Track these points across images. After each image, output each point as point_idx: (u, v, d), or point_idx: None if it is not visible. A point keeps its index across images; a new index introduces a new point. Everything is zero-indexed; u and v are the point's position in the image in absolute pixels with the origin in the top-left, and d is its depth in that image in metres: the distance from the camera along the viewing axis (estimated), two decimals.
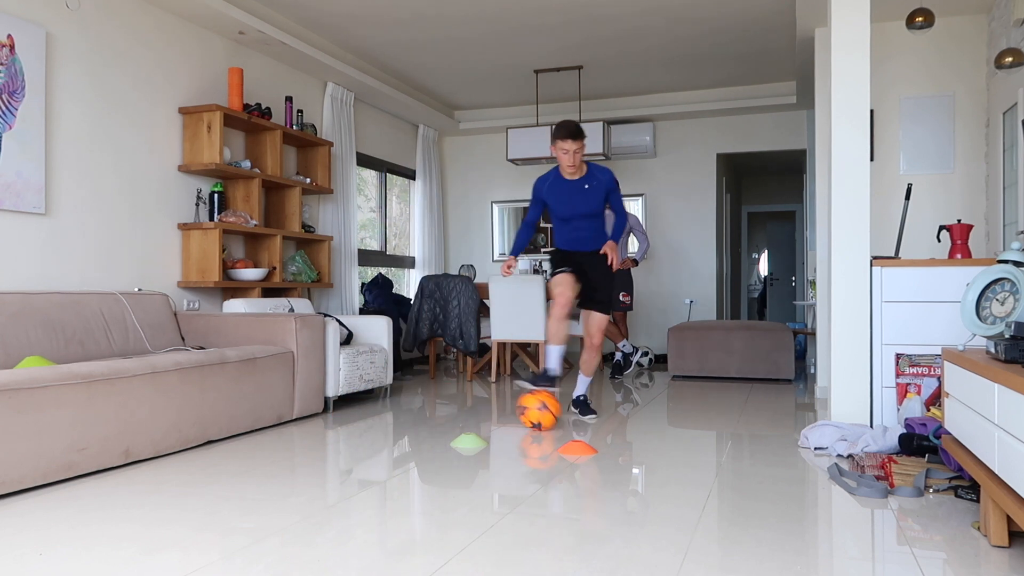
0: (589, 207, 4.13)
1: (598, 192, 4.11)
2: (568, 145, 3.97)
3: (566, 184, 4.14)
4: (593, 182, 4.10)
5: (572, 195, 4.13)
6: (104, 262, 4.27)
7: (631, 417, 4.40)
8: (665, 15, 5.31)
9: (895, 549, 2.15)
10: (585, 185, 4.10)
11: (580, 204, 4.13)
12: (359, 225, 7.04)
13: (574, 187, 4.12)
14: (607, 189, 4.12)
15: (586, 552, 2.11)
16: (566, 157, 4.01)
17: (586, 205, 4.12)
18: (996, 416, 2.02)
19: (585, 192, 4.10)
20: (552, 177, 4.19)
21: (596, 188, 4.10)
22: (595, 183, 4.10)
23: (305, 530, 2.32)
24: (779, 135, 7.57)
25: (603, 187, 4.11)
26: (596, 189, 4.10)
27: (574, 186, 4.12)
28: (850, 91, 3.70)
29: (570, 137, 3.97)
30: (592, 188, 4.10)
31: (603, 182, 4.11)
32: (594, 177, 4.11)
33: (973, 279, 2.67)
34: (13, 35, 3.72)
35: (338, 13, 5.23)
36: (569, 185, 4.14)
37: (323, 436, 3.87)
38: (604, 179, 4.12)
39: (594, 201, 4.11)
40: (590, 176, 4.12)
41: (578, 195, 4.12)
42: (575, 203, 4.13)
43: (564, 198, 4.15)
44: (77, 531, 2.32)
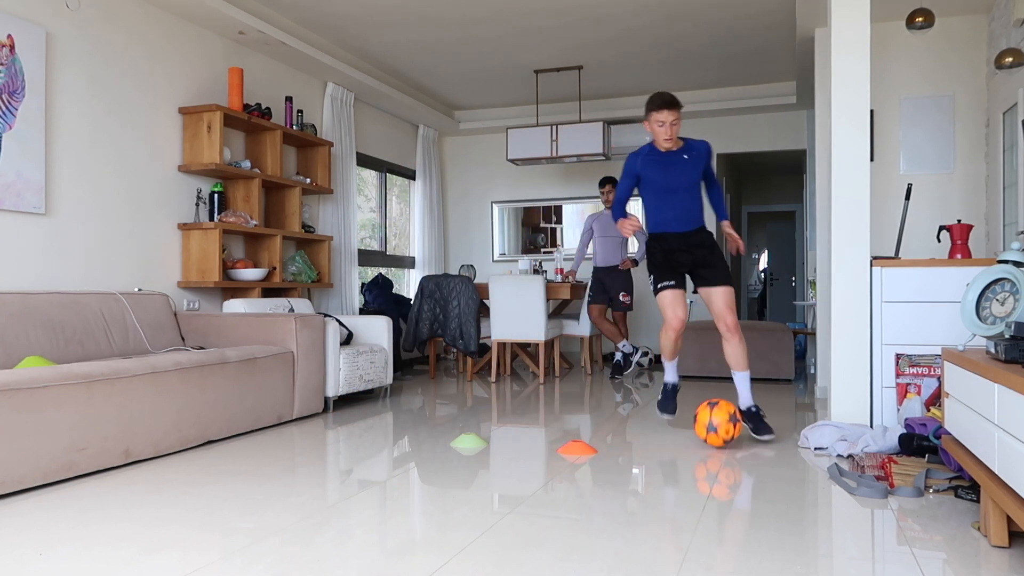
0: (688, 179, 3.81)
1: (697, 163, 3.81)
2: (664, 116, 3.69)
3: (662, 156, 3.82)
4: (692, 152, 3.81)
5: (669, 167, 3.81)
6: (104, 262, 4.27)
7: (631, 417, 4.40)
8: (665, 15, 5.31)
9: (895, 549, 2.15)
10: (684, 155, 3.80)
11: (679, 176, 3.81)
12: (359, 225, 7.04)
13: (671, 159, 3.81)
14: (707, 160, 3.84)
15: (586, 552, 2.11)
16: (662, 129, 3.71)
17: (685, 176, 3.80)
18: (996, 416, 2.02)
19: (686, 163, 3.80)
20: (646, 151, 3.87)
21: (696, 159, 3.81)
22: (694, 154, 3.81)
23: (305, 530, 2.32)
24: (779, 135, 7.57)
25: (703, 158, 3.83)
26: (696, 160, 3.81)
27: (671, 158, 3.81)
28: (850, 91, 3.70)
29: (665, 107, 3.68)
30: (692, 159, 3.81)
31: (702, 153, 3.83)
32: (692, 148, 3.82)
33: (973, 279, 2.67)
34: (13, 35, 3.72)
35: (338, 13, 5.23)
36: (666, 157, 3.82)
37: (323, 436, 3.87)
38: (703, 150, 3.83)
39: (694, 173, 3.81)
40: (688, 148, 3.82)
41: (676, 167, 3.80)
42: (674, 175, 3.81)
43: (661, 170, 3.82)
44: (77, 531, 2.32)
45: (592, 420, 4.32)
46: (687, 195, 3.83)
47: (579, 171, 8.12)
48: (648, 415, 4.45)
